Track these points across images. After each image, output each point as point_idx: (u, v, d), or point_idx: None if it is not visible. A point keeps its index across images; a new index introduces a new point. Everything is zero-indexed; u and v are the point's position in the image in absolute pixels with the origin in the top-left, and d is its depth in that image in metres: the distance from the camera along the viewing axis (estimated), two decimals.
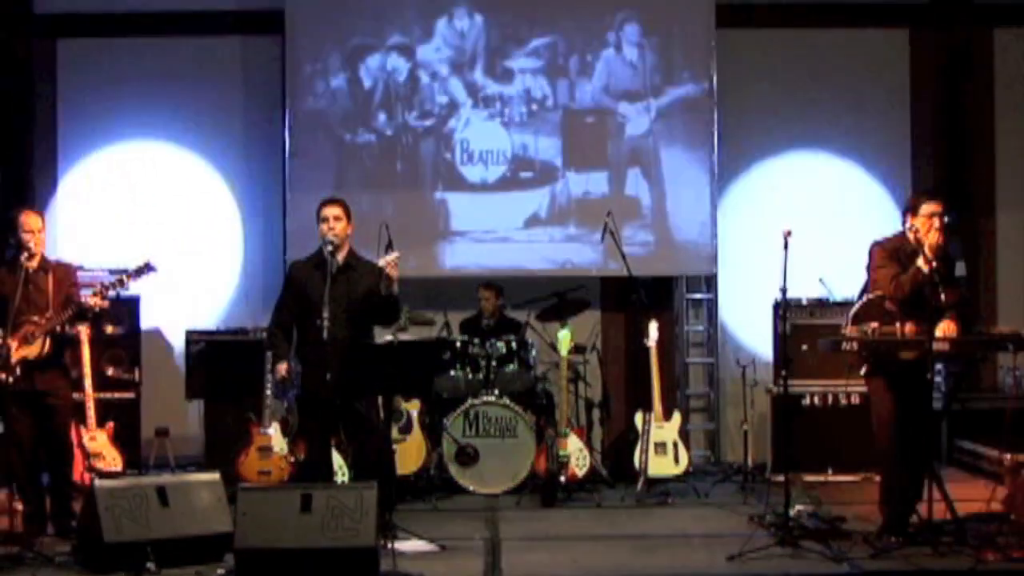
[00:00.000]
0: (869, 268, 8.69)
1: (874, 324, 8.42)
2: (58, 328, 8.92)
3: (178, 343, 11.58)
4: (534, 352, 11.60)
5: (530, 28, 12.49)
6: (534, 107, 12.49)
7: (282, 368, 8.79)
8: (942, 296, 8.25)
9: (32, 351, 8.85)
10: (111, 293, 8.93)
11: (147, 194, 12.72)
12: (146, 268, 8.97)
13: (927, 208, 8.49)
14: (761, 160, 12.88)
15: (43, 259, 9.05)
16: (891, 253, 8.61)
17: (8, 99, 12.54)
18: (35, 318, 8.85)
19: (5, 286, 8.85)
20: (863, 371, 8.65)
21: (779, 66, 12.90)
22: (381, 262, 8.57)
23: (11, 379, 8.79)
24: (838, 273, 9.14)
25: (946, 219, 8.46)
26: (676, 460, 10.83)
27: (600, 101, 12.49)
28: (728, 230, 12.72)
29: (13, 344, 8.77)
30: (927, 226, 8.45)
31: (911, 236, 8.51)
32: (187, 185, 12.76)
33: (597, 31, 12.48)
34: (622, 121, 12.49)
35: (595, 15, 12.49)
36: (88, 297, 8.85)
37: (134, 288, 9.41)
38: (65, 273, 9.21)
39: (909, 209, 8.62)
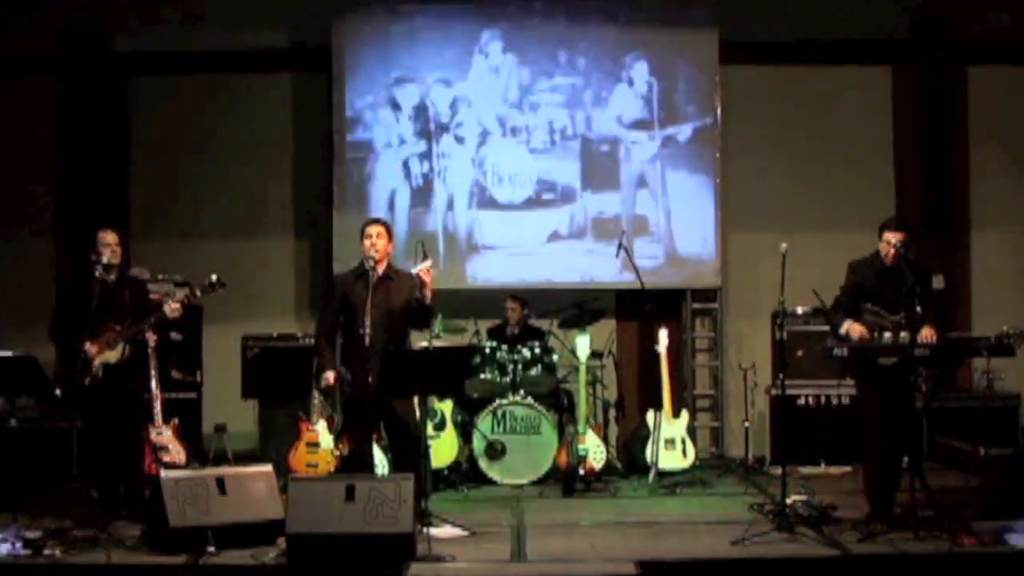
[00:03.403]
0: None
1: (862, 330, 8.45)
2: (139, 335, 8.99)
3: (235, 348, 11.57)
4: (556, 357, 11.60)
5: (553, 67, 12.54)
6: (556, 136, 12.51)
7: (330, 376, 8.74)
8: (917, 307, 8.27)
9: (114, 355, 8.94)
10: (185, 303, 9.00)
11: (208, 213, 12.78)
12: (218, 283, 9.00)
13: (887, 236, 8.58)
14: (761, 182, 12.84)
15: (121, 274, 9.15)
16: (859, 272, 8.69)
17: (89, 130, 12.59)
18: (116, 326, 8.91)
19: (86, 298, 8.85)
20: (848, 376, 8.65)
21: (775, 98, 12.87)
22: (414, 270, 8.59)
23: (92, 381, 8.84)
24: (830, 284, 9.09)
25: (902, 249, 8.47)
26: (684, 454, 10.82)
27: (613, 131, 12.50)
28: (731, 246, 12.71)
29: (94, 349, 8.82)
30: (885, 250, 8.52)
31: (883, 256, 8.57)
32: (243, 205, 12.81)
33: (611, 69, 12.51)
34: (631, 149, 12.51)
35: (609, 56, 12.52)
36: (169, 306, 8.92)
37: (198, 299, 9.42)
38: (140, 287, 9.38)
39: (878, 232, 8.64)
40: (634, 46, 12.52)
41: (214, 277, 9.01)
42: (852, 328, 8.48)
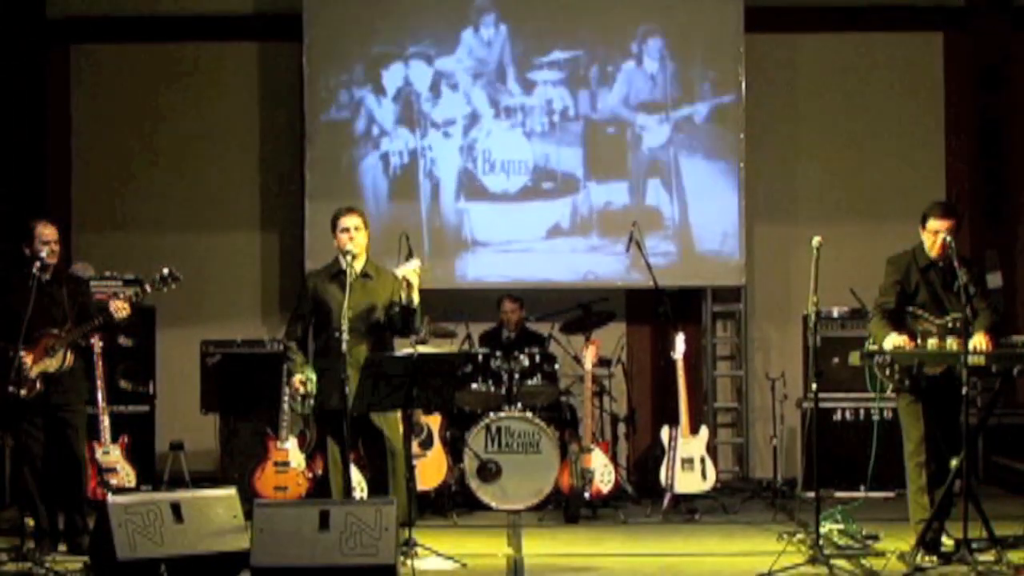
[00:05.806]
0: None
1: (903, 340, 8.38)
2: (81, 340, 8.91)
3: (193, 355, 11.54)
4: (558, 365, 11.58)
5: (553, 40, 12.53)
6: (555, 118, 12.50)
7: (298, 381, 8.74)
8: (968, 309, 8.19)
9: (53, 364, 8.78)
10: (134, 301, 8.90)
11: (162, 202, 12.75)
12: (170, 277, 8.90)
13: (932, 224, 8.41)
14: (790, 168, 12.82)
15: (57, 271, 9.00)
16: (900, 270, 8.53)
17: (22, 106, 12.54)
18: (54, 330, 8.78)
19: (18, 298, 8.74)
20: (890, 389, 8.58)
21: (808, 71, 12.85)
22: (399, 271, 8.54)
23: (28, 393, 8.73)
24: (870, 283, 9.08)
25: (949, 240, 8.34)
26: (703, 476, 10.76)
27: (620, 112, 12.50)
28: (757, 240, 12.69)
29: (29, 358, 8.72)
30: (930, 241, 8.41)
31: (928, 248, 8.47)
32: (203, 193, 12.78)
33: (619, 43, 12.51)
34: (641, 132, 12.50)
35: (618, 28, 12.53)
36: (114, 304, 8.80)
37: (150, 298, 9.36)
38: (78, 284, 9.20)
39: (921, 221, 8.54)
40: (647, 17, 12.51)
41: (165, 270, 8.89)
42: (895, 344, 8.34)
